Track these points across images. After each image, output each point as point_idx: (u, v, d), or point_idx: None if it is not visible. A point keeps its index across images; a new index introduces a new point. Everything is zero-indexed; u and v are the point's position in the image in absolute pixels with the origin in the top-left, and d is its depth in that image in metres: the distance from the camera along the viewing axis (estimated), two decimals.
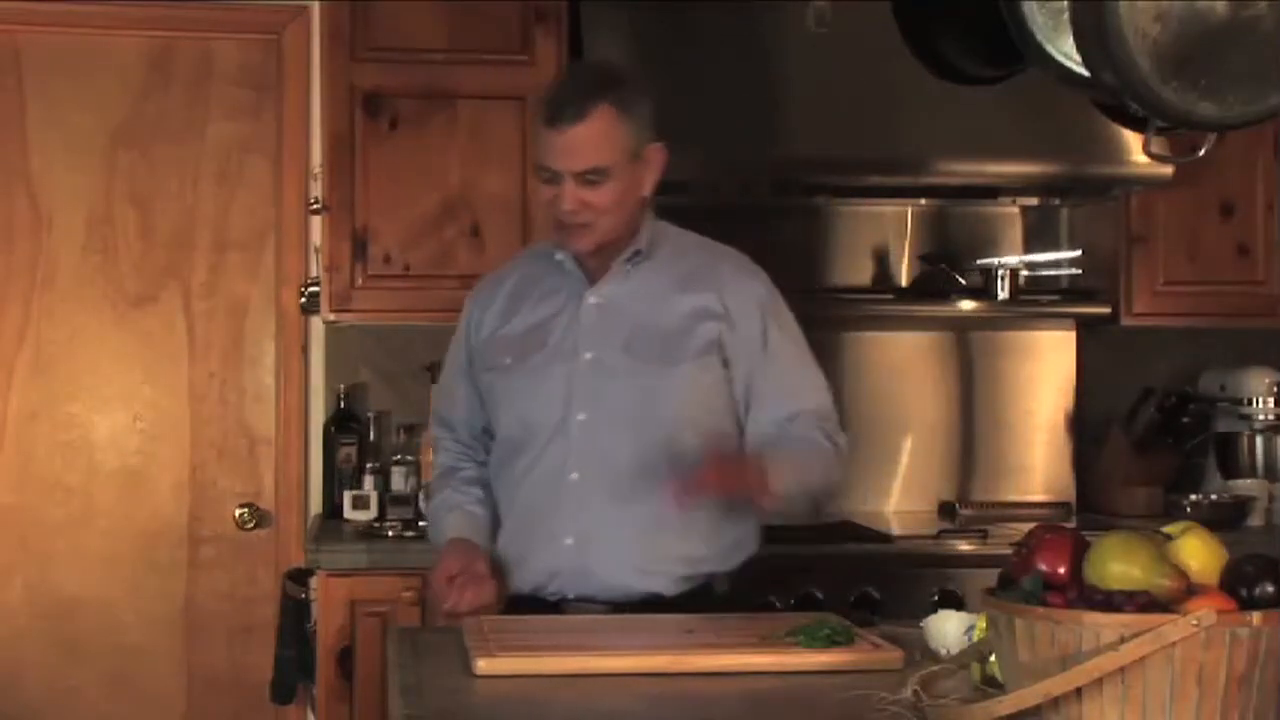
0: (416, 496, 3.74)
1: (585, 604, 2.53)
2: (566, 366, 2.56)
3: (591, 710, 1.90)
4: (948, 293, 4.03)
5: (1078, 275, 4.16)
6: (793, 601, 3.46)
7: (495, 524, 2.66)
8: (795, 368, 2.67)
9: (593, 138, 2.47)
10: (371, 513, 3.77)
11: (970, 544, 3.63)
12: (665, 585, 2.55)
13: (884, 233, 4.19)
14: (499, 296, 2.69)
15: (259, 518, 3.94)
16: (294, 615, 3.62)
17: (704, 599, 2.56)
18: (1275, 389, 4.06)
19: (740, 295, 2.63)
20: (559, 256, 2.62)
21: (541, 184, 2.53)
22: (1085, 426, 4.24)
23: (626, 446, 2.54)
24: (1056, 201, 4.21)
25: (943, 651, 2.08)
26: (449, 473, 2.73)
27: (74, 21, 3.85)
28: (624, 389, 2.55)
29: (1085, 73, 2.22)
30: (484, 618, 2.34)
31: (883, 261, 4.19)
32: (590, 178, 2.48)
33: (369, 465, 3.84)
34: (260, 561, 3.95)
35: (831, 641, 2.12)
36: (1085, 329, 4.22)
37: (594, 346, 2.57)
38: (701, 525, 2.56)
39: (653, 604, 2.51)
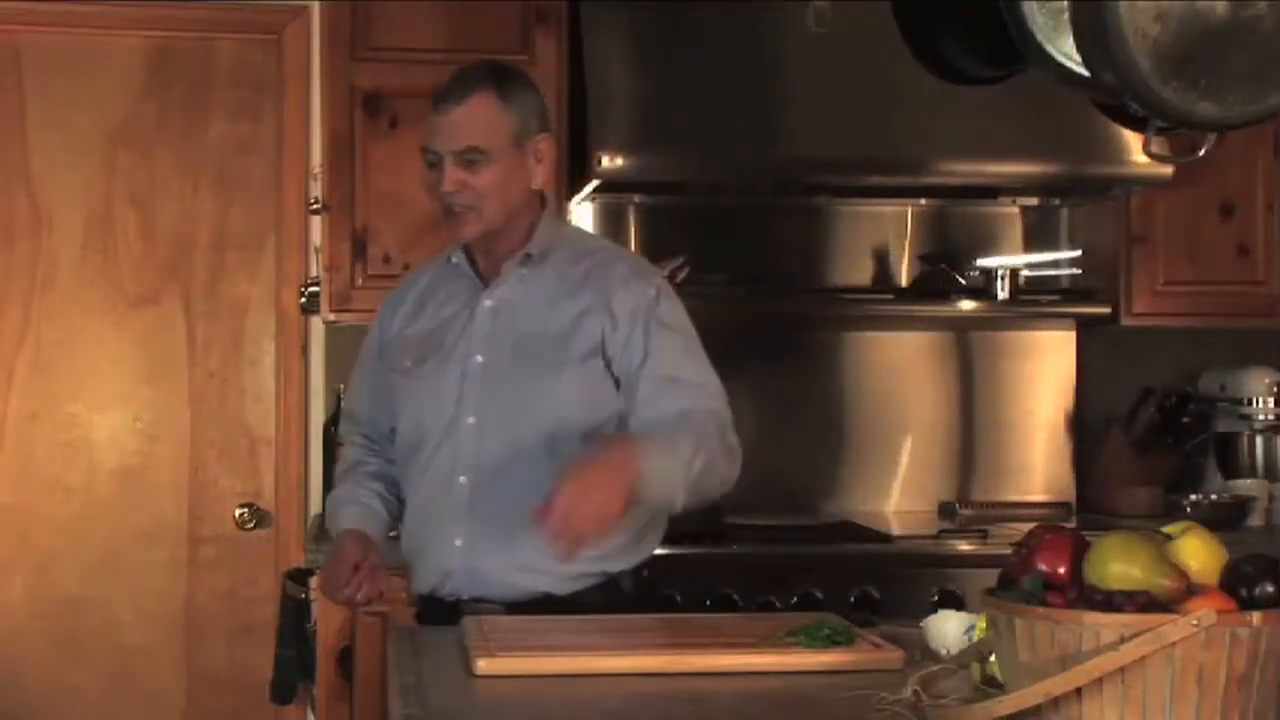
0: None
1: (480, 605, 2.51)
2: (459, 370, 2.59)
3: (591, 710, 1.90)
4: (948, 293, 4.03)
5: (1078, 275, 4.17)
6: (793, 601, 3.46)
7: (397, 519, 2.74)
8: (684, 368, 2.58)
9: (471, 118, 2.52)
10: None
11: (970, 544, 3.63)
12: (555, 584, 2.53)
13: (884, 233, 4.19)
14: (409, 298, 2.72)
15: (259, 518, 3.94)
16: (294, 615, 3.62)
17: (606, 596, 2.54)
18: (1275, 389, 4.06)
19: (627, 296, 2.58)
20: (454, 260, 2.65)
21: (427, 173, 2.57)
22: (1085, 426, 4.24)
23: (512, 449, 2.55)
24: (1056, 201, 4.21)
25: (943, 651, 2.08)
26: (353, 467, 2.77)
27: (74, 21, 3.85)
28: (510, 393, 2.56)
29: (1085, 73, 2.22)
30: (483, 618, 2.34)
31: (883, 261, 4.19)
32: (469, 157, 2.51)
33: None
34: (260, 561, 3.95)
35: (831, 641, 2.12)
36: (1085, 329, 4.22)
37: (484, 350, 2.59)
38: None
39: (545, 603, 2.50)
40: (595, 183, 3.63)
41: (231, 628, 3.94)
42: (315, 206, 3.82)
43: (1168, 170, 3.68)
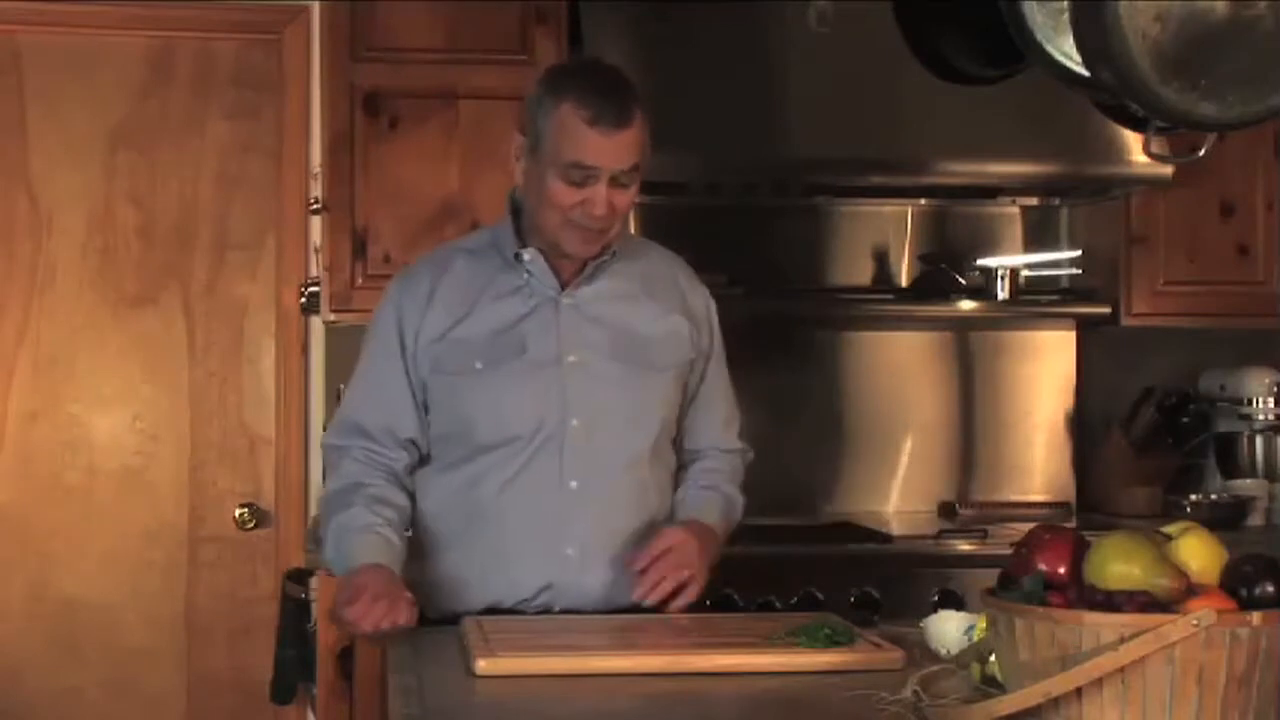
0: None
1: (569, 616, 2.46)
2: (552, 370, 2.49)
3: (591, 710, 1.90)
4: (948, 293, 4.03)
5: (1078, 275, 4.17)
6: (793, 601, 3.46)
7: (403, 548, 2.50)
8: (729, 387, 2.73)
9: (637, 138, 2.44)
10: None
11: (970, 544, 3.63)
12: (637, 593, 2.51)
13: (884, 233, 4.19)
14: (440, 291, 2.54)
15: (259, 518, 3.94)
16: (294, 615, 3.62)
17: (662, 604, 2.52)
18: (1275, 389, 4.07)
19: (697, 297, 2.66)
20: (527, 257, 2.52)
21: (560, 185, 2.42)
22: (1085, 426, 4.24)
23: (621, 453, 2.51)
24: (1056, 201, 4.21)
25: (943, 651, 2.08)
26: (354, 488, 2.50)
27: (74, 21, 3.85)
28: (613, 393, 2.51)
29: (1085, 73, 2.22)
30: (483, 619, 2.34)
31: (883, 261, 4.19)
32: (625, 180, 2.44)
33: None
34: (260, 561, 3.95)
35: (831, 641, 2.12)
36: (1085, 329, 4.22)
37: (578, 350, 2.51)
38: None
39: (627, 612, 2.47)
40: None
41: (231, 628, 3.94)
42: (315, 206, 3.82)
43: (1168, 170, 3.68)
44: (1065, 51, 2.30)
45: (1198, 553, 1.69)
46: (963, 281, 4.05)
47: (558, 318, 2.52)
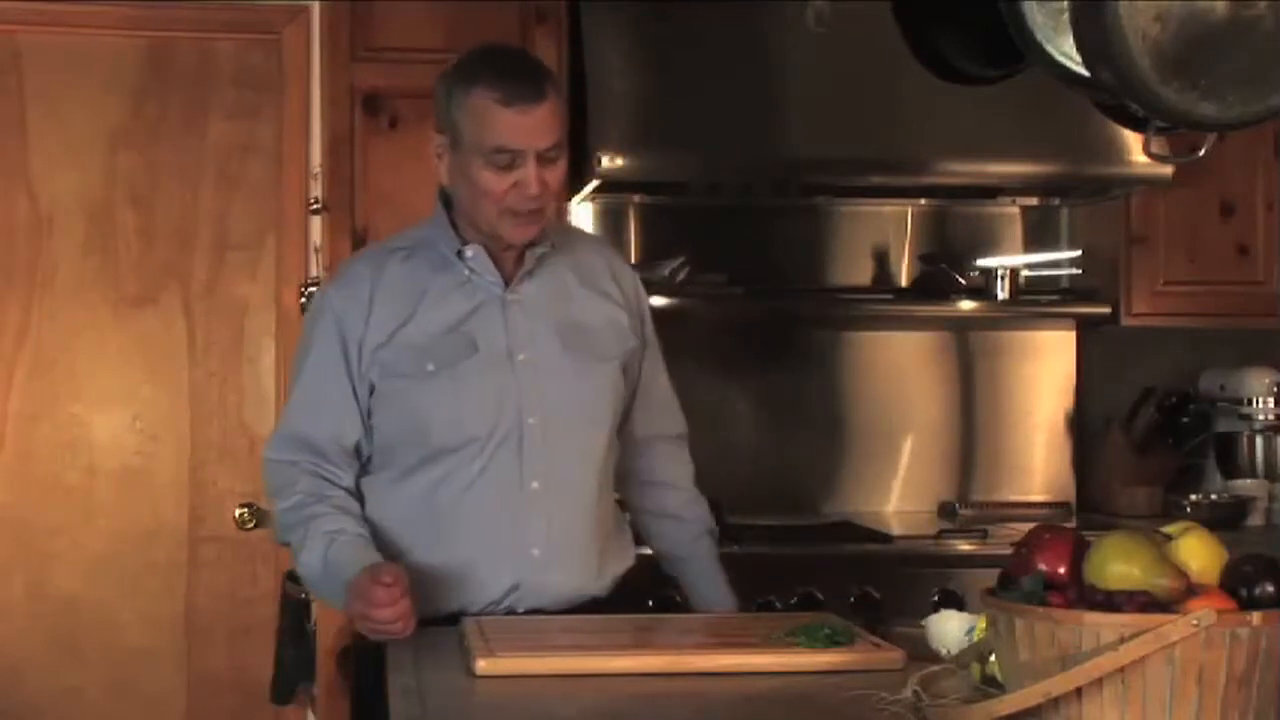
0: None
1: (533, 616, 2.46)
2: (505, 369, 2.47)
3: (591, 710, 1.90)
4: (948, 293, 4.03)
5: (1078, 275, 4.17)
6: (793, 601, 3.46)
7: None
8: (664, 370, 2.74)
9: (554, 114, 2.43)
10: None
11: (970, 544, 3.64)
12: (603, 588, 2.54)
13: (884, 233, 4.19)
14: (379, 296, 2.49)
15: (259, 518, 3.94)
16: (294, 615, 3.61)
17: (623, 601, 2.55)
18: (1275, 389, 4.07)
19: (630, 290, 2.65)
20: (469, 254, 2.49)
21: (488, 174, 2.40)
22: (1085, 426, 4.24)
23: (578, 448, 2.50)
24: (1056, 201, 4.21)
25: (943, 651, 2.08)
26: (320, 499, 2.47)
27: (74, 21, 3.85)
28: (565, 390, 2.49)
29: (1085, 73, 2.22)
30: (483, 619, 2.34)
31: (883, 261, 4.20)
32: (551, 155, 2.42)
33: None
34: (260, 561, 3.94)
35: (831, 641, 2.12)
36: (1085, 329, 4.22)
37: (526, 347, 2.49)
38: (617, 520, 2.62)
39: (591, 608, 2.49)
40: (595, 183, 3.64)
41: (231, 628, 3.94)
42: (315, 206, 3.82)
43: (1168, 170, 3.69)
44: (1065, 51, 2.31)
45: (1198, 553, 1.69)
46: (963, 281, 4.05)
47: (505, 315, 2.50)
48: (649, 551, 2.76)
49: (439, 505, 2.47)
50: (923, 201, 4.16)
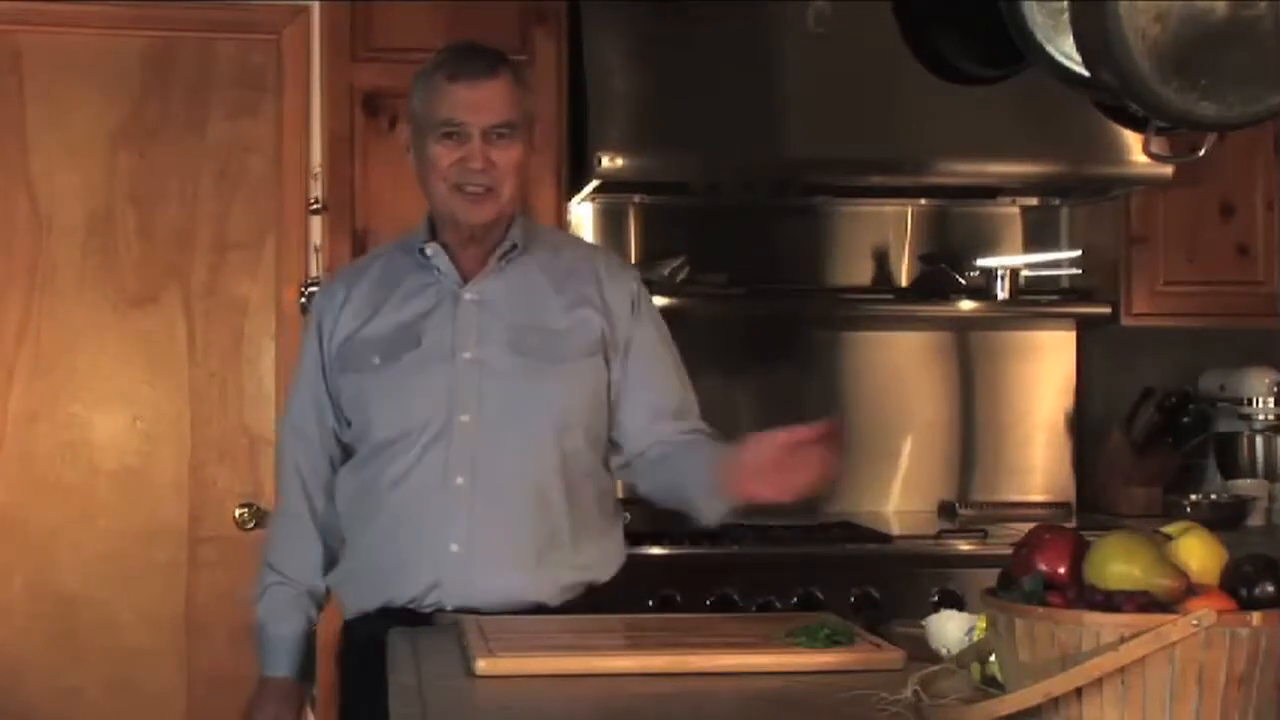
0: None
1: (465, 615, 2.41)
2: (445, 366, 2.48)
3: (591, 710, 1.90)
4: (948, 293, 4.04)
5: (1078, 275, 4.17)
6: (793, 601, 3.46)
7: (329, 557, 2.64)
8: (672, 369, 2.66)
9: (504, 93, 2.47)
10: None
11: (970, 544, 3.64)
12: (551, 594, 2.48)
13: (884, 233, 4.20)
14: (354, 295, 2.58)
15: (259, 518, 3.94)
16: None
17: (592, 607, 2.49)
18: (1275, 389, 4.07)
19: (617, 292, 2.59)
20: (429, 251, 2.53)
21: (437, 149, 2.46)
22: (1085, 426, 4.24)
23: (513, 450, 2.47)
24: (1056, 201, 4.21)
25: (943, 651, 2.08)
26: (294, 517, 2.66)
27: (74, 21, 3.85)
28: (509, 390, 2.48)
29: (1085, 73, 2.22)
30: (482, 619, 2.33)
31: (883, 261, 4.20)
32: (501, 131, 2.45)
33: None
34: (260, 561, 3.94)
35: (832, 641, 2.12)
36: (1085, 329, 4.22)
37: (474, 346, 2.49)
38: (590, 531, 2.54)
39: (534, 614, 2.44)
40: (595, 183, 3.64)
41: (232, 628, 3.93)
42: (315, 206, 3.82)
43: (1168, 170, 3.68)
44: (1065, 51, 2.31)
45: (1198, 553, 1.69)
46: (963, 281, 4.05)
47: (455, 312, 2.51)
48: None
49: (373, 497, 2.52)
50: (923, 201, 4.16)
